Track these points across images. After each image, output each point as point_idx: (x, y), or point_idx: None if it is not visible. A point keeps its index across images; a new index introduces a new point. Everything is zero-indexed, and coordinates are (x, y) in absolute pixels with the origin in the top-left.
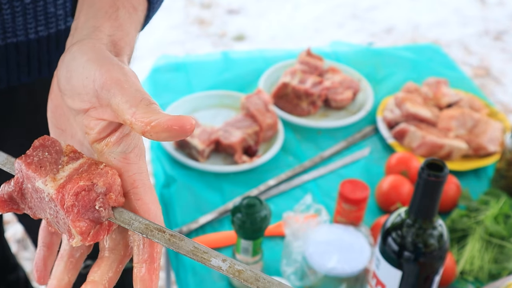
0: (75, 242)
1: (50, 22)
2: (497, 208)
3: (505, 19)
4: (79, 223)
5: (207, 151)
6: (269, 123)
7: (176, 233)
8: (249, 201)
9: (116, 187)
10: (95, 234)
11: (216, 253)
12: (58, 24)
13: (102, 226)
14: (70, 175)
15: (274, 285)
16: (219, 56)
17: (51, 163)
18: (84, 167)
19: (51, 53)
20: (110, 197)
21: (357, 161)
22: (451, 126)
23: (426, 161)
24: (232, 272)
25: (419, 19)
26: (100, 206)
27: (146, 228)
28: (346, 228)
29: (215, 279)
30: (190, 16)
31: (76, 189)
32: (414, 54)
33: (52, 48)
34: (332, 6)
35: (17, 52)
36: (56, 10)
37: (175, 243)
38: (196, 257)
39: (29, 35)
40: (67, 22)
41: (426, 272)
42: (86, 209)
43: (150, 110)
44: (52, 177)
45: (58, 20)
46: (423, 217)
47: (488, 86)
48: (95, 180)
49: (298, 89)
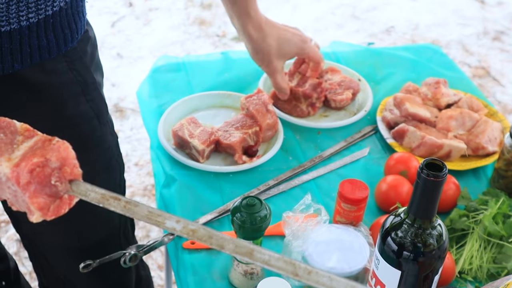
0: (35, 217)
1: (39, 8)
2: (496, 208)
3: (504, 19)
4: (36, 199)
5: (207, 151)
6: (269, 123)
7: (131, 200)
8: (249, 201)
9: (70, 161)
10: (56, 209)
11: (169, 215)
12: (47, 10)
13: (63, 200)
14: (24, 153)
15: (226, 240)
16: (219, 56)
17: (6, 143)
18: (38, 144)
19: (40, 38)
20: (65, 171)
21: (357, 161)
22: (450, 126)
23: (425, 161)
24: (186, 232)
25: (419, 19)
26: (56, 180)
27: (102, 197)
28: (346, 228)
29: (215, 279)
30: (190, 16)
31: (30, 166)
32: (414, 54)
33: (41, 34)
34: (332, 6)
35: (11, 40)
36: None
37: (131, 209)
38: (151, 221)
39: (21, 22)
40: (54, 7)
41: (425, 272)
42: (43, 185)
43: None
44: (7, 157)
45: (47, 6)
46: (422, 217)
47: (487, 86)
48: (49, 156)
49: (296, 91)
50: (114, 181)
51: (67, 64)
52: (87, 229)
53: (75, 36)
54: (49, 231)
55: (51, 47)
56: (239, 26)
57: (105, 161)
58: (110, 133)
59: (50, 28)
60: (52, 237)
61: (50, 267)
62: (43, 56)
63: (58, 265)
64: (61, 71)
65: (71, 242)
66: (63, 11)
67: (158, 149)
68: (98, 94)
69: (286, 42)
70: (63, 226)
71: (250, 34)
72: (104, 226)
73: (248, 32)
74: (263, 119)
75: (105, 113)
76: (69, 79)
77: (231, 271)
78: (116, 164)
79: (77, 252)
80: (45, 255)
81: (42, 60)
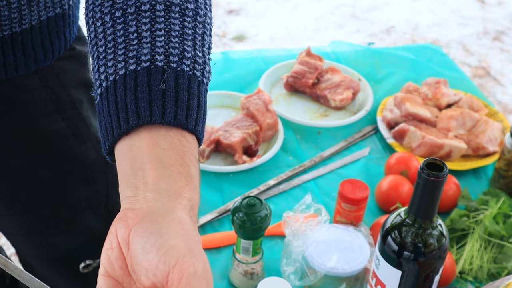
0: None
1: (3, 24)
2: (497, 208)
3: (504, 19)
4: None
5: (207, 151)
6: (269, 123)
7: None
8: (249, 201)
9: None
10: None
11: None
12: (13, 26)
13: None
14: None
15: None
16: (219, 56)
17: None
18: None
19: (6, 55)
20: None
21: (357, 161)
22: (451, 126)
23: (426, 161)
24: None
25: (419, 19)
26: None
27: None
28: (346, 228)
29: (215, 279)
30: None
31: None
32: (414, 54)
33: (7, 50)
34: (332, 6)
35: (2, 47)
36: (10, 13)
37: None
38: None
39: (14, 28)
40: (23, 25)
41: (425, 272)
42: None
43: None
44: None
45: (13, 23)
46: (423, 217)
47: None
48: None
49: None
50: (97, 193)
51: (40, 81)
52: (87, 229)
53: (49, 56)
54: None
55: (19, 64)
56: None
57: (86, 174)
58: (95, 150)
59: (19, 45)
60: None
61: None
62: (9, 73)
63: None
64: (33, 87)
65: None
66: (36, 30)
67: None
68: (77, 113)
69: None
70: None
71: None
72: (103, 226)
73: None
74: (263, 119)
75: (85, 131)
76: (41, 97)
77: (231, 271)
78: (103, 177)
79: (74, 254)
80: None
81: (8, 76)
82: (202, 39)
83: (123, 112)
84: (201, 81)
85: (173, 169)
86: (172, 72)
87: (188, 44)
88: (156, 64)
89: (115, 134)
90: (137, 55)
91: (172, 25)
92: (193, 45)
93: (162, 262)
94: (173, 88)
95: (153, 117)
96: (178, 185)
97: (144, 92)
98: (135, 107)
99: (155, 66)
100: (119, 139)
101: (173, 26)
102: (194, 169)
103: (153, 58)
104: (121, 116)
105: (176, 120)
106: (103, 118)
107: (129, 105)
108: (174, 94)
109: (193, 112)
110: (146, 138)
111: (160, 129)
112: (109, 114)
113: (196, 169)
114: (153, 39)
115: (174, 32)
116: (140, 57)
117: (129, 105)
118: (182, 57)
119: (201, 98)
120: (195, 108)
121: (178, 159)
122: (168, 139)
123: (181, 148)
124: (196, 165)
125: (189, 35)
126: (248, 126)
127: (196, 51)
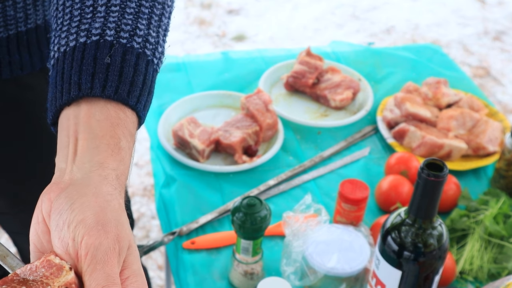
0: None
1: (9, 24)
2: (497, 208)
3: (504, 19)
4: None
5: (207, 151)
6: (269, 123)
7: None
8: (249, 201)
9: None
10: None
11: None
12: (19, 26)
13: None
14: None
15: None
16: (219, 56)
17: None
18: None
19: (12, 54)
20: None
21: (357, 161)
22: (451, 126)
23: (426, 161)
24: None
25: (419, 19)
26: None
27: None
28: (346, 228)
29: (215, 279)
30: (190, 16)
31: None
32: (414, 54)
33: (13, 49)
34: (332, 6)
35: None
36: (16, 13)
37: None
38: None
39: (19, 28)
40: (28, 24)
41: (425, 272)
42: None
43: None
44: None
45: (18, 22)
46: (423, 217)
47: (487, 86)
48: None
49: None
50: None
51: (45, 80)
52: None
53: None
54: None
55: (24, 63)
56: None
57: None
58: None
59: (24, 45)
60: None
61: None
62: (14, 72)
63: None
64: (38, 86)
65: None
66: (41, 29)
67: (158, 149)
68: None
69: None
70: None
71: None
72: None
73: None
74: (263, 118)
75: None
76: (46, 96)
77: (231, 271)
78: None
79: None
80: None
81: (14, 75)
82: (159, 20)
83: (67, 83)
84: (150, 60)
85: (103, 140)
86: (120, 47)
87: (142, 22)
88: (105, 38)
89: (57, 104)
90: (88, 28)
91: (129, 2)
92: (148, 24)
93: (71, 239)
94: (118, 63)
95: (94, 89)
96: (103, 155)
97: (88, 65)
98: (77, 78)
99: (104, 40)
100: (61, 110)
101: (129, 3)
102: (125, 142)
103: (104, 32)
104: (65, 87)
105: (117, 94)
106: (50, 89)
107: (73, 76)
108: (119, 69)
109: (136, 89)
110: (84, 110)
111: (99, 102)
112: (55, 85)
113: (128, 142)
114: (107, 14)
115: (129, 9)
116: (91, 30)
117: (73, 77)
118: (134, 34)
119: (147, 76)
120: (139, 86)
121: (110, 131)
122: (104, 111)
123: (115, 120)
124: (129, 139)
125: (145, 14)
126: (248, 126)
127: (150, 30)
